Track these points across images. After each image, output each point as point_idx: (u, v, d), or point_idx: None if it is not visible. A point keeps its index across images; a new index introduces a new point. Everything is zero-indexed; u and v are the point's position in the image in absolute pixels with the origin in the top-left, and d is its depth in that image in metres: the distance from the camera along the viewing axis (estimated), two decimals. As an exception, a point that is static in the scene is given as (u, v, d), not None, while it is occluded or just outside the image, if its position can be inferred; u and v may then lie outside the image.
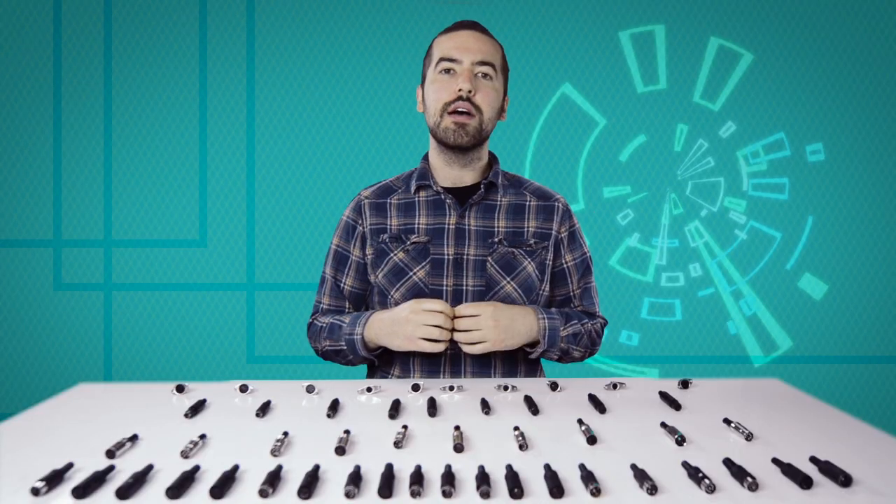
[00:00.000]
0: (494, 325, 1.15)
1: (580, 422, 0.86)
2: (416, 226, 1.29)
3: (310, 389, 1.06)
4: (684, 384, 1.09)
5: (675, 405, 0.97)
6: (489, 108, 1.24)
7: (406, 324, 1.14)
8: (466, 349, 1.17)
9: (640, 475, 0.68)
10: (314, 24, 2.64)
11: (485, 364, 1.26)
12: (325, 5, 2.64)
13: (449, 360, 1.25)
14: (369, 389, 1.05)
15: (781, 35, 2.63)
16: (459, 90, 1.21)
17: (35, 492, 0.65)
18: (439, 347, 1.14)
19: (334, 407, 0.94)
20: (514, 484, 0.65)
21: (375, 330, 1.20)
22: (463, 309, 1.17)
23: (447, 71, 1.23)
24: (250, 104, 2.64)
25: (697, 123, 2.65)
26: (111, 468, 0.70)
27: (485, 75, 1.23)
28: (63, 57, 2.60)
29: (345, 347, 1.25)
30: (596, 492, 0.65)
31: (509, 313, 1.18)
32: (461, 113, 1.22)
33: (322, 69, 2.65)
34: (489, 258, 1.27)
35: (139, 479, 0.67)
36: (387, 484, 0.65)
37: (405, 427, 0.84)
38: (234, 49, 2.63)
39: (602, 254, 2.66)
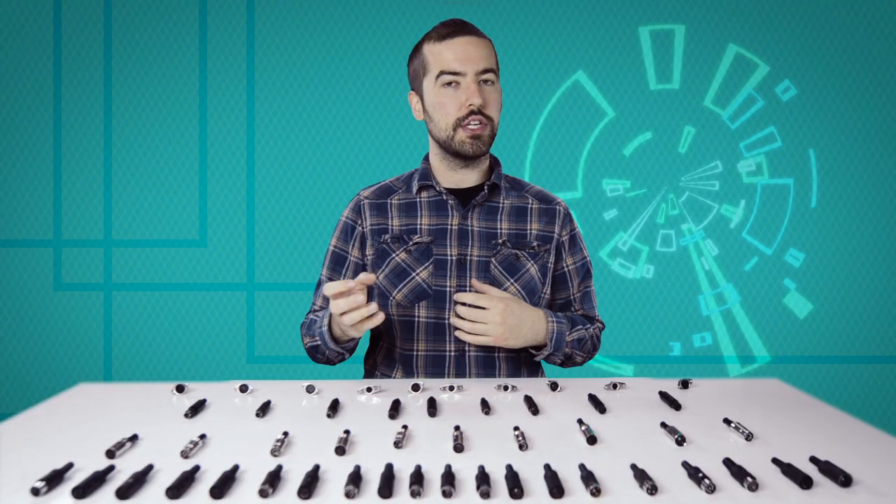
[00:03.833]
0: (501, 322, 1.15)
1: (580, 422, 0.86)
2: (419, 226, 1.28)
3: (310, 389, 1.06)
4: (684, 384, 1.09)
5: (675, 405, 0.97)
6: (497, 113, 1.24)
7: (339, 321, 1.09)
8: (465, 338, 1.17)
9: (640, 475, 0.68)
10: (314, 24, 2.64)
11: (489, 366, 1.26)
12: (325, 5, 2.64)
13: (453, 363, 1.25)
14: (369, 389, 1.05)
15: (801, 51, 2.64)
16: (470, 105, 1.19)
17: (35, 492, 0.65)
18: (377, 318, 1.07)
19: (334, 407, 0.94)
20: (514, 484, 0.65)
21: (334, 321, 1.18)
22: (474, 299, 1.16)
23: (450, 83, 1.20)
24: (250, 104, 2.64)
25: (705, 128, 2.65)
26: (111, 468, 0.70)
27: (486, 81, 1.22)
28: (63, 57, 2.60)
29: (319, 342, 1.24)
30: (596, 492, 0.65)
31: (518, 314, 1.17)
32: (475, 125, 1.20)
33: (322, 69, 2.65)
34: (493, 259, 1.26)
35: (139, 479, 0.67)
36: (387, 484, 0.65)
37: (405, 427, 0.84)
38: (234, 49, 2.63)
39: (594, 245, 2.66)
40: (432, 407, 0.94)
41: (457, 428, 0.83)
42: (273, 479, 0.66)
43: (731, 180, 2.66)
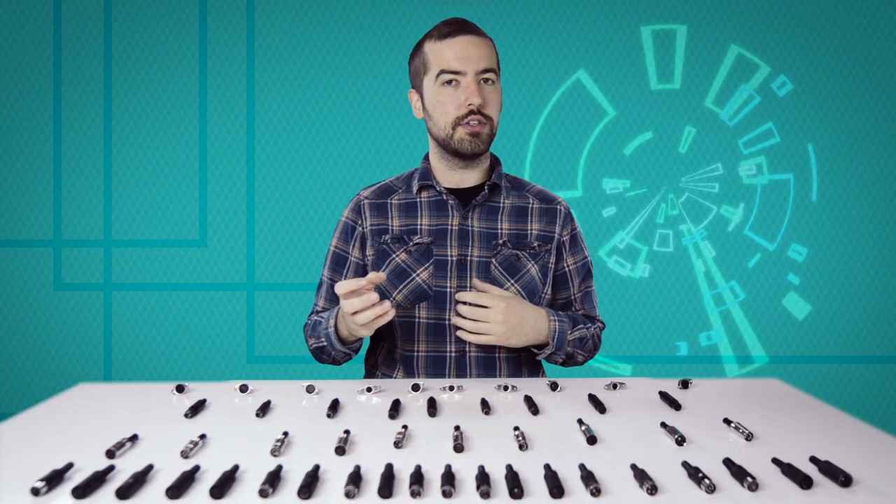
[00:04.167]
0: (503, 321, 1.14)
1: (580, 422, 0.86)
2: (419, 226, 1.28)
3: (310, 389, 1.06)
4: (684, 384, 1.09)
5: (675, 405, 0.97)
6: (497, 113, 1.24)
7: (347, 319, 1.09)
8: (467, 337, 1.16)
9: (640, 475, 0.68)
10: (314, 24, 2.64)
11: (490, 367, 1.26)
12: (325, 5, 2.64)
13: (454, 363, 1.25)
14: (369, 389, 1.05)
15: (802, 52, 2.64)
16: (470, 104, 1.19)
17: (35, 492, 0.65)
18: (388, 317, 1.06)
19: (334, 407, 0.94)
20: (514, 484, 0.65)
21: (341, 321, 1.17)
22: (475, 298, 1.15)
23: (449, 82, 1.20)
24: (250, 104, 2.64)
25: (705, 128, 2.65)
26: (111, 468, 0.70)
27: (487, 80, 1.21)
28: (63, 57, 2.60)
29: (325, 343, 1.24)
30: (596, 492, 0.65)
31: (521, 313, 1.17)
32: (474, 124, 1.20)
33: (322, 69, 2.65)
34: (493, 260, 1.26)
35: (139, 479, 0.67)
36: (387, 484, 0.65)
37: (405, 427, 0.84)
38: (234, 49, 2.63)
39: (592, 244, 2.67)
40: (432, 407, 0.94)
41: (457, 428, 0.83)
42: (273, 479, 0.66)
43: (731, 182, 2.66)
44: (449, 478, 0.66)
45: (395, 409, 0.93)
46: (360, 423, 0.89)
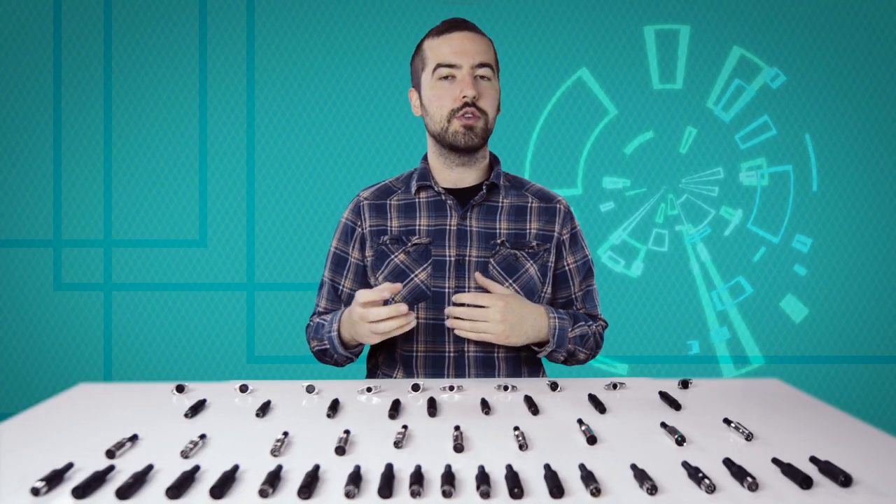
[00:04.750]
0: (502, 319, 1.13)
1: (580, 422, 0.86)
2: (417, 227, 1.28)
3: (310, 389, 1.06)
4: (684, 384, 1.09)
5: (675, 405, 0.97)
6: (492, 109, 1.24)
7: (359, 326, 1.10)
8: (465, 335, 1.15)
9: (640, 475, 0.68)
10: (314, 24, 2.64)
11: (488, 366, 1.26)
12: (325, 5, 2.64)
13: (453, 364, 1.25)
14: (369, 389, 1.05)
15: (794, 43, 2.64)
16: (464, 97, 1.19)
17: (35, 492, 0.65)
18: (408, 327, 1.08)
19: (334, 407, 0.94)
20: (514, 484, 0.65)
21: (346, 326, 1.18)
22: (473, 298, 1.15)
23: (446, 77, 1.21)
24: (250, 104, 2.64)
25: (706, 128, 2.65)
26: (111, 468, 0.70)
27: (483, 76, 1.22)
28: (63, 57, 2.60)
29: (328, 346, 1.25)
30: (596, 492, 0.65)
31: (519, 311, 1.16)
32: (468, 117, 1.20)
33: (322, 69, 2.65)
34: (491, 260, 1.26)
35: (139, 479, 0.67)
36: (387, 484, 0.65)
37: (405, 427, 0.84)
38: (234, 49, 2.63)
39: (591, 241, 2.66)
40: (432, 407, 0.94)
41: (457, 428, 0.83)
42: (273, 479, 0.66)
43: (731, 184, 2.65)
44: (449, 478, 0.66)
45: (395, 409, 0.93)
46: (360, 423, 0.89)
